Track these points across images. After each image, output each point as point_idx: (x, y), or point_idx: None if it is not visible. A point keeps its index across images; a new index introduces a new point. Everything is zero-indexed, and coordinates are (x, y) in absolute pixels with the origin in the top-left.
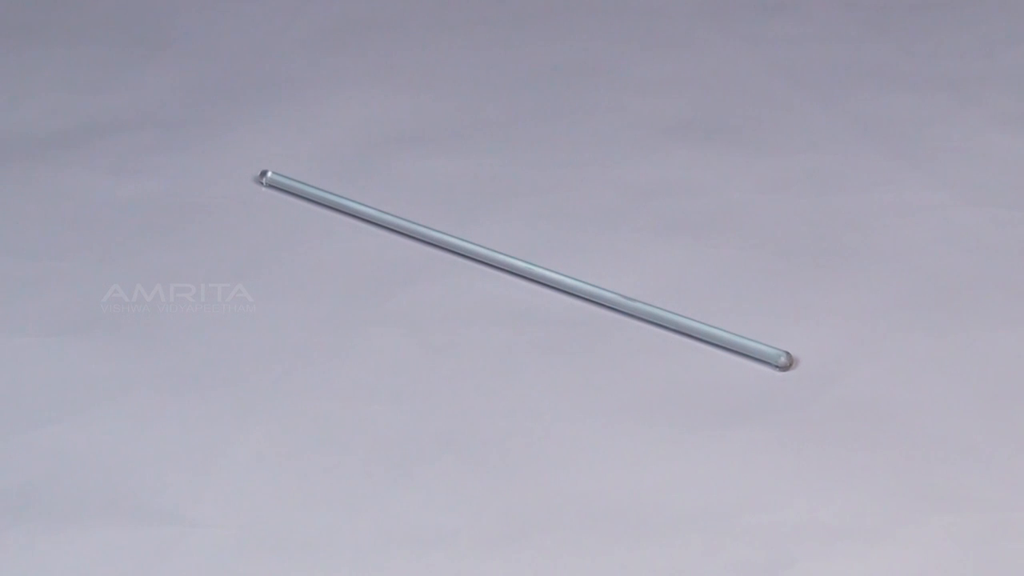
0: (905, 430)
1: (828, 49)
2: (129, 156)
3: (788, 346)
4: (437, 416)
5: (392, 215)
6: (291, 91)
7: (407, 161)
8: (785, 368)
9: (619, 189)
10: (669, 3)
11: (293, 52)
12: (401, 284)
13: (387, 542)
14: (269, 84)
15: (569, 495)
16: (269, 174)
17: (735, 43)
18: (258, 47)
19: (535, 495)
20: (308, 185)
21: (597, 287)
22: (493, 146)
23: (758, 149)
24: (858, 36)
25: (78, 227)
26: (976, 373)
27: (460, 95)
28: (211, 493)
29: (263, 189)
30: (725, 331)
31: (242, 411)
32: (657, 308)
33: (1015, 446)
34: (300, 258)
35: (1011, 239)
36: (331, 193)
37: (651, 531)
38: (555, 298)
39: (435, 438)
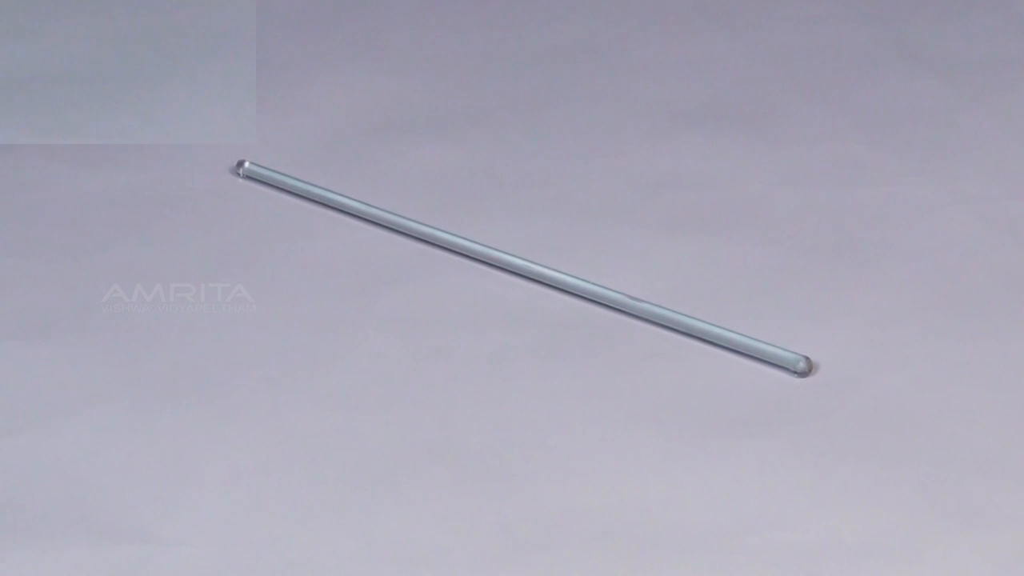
0: (932, 441)
1: (850, 30)
2: (95, 146)
3: (807, 350)
4: (427, 425)
5: (379, 209)
6: (269, 74)
7: (396, 150)
8: (804, 374)
9: (625, 181)
10: None
11: (271, 31)
12: (389, 283)
13: (373, 561)
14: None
15: (570, 511)
16: (247, 164)
17: (750, 23)
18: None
19: (533, 510)
20: (289, 176)
21: (601, 287)
22: (489, 134)
23: (774, 138)
24: (883, 17)
25: (40, 222)
26: (1009, 380)
27: (453, 79)
28: (184, 509)
29: (240, 180)
30: (739, 334)
31: (218, 421)
32: (666, 309)
33: None
34: (280, 256)
35: None
36: (313, 185)
37: (659, 550)
38: (556, 298)
39: (425, 449)
